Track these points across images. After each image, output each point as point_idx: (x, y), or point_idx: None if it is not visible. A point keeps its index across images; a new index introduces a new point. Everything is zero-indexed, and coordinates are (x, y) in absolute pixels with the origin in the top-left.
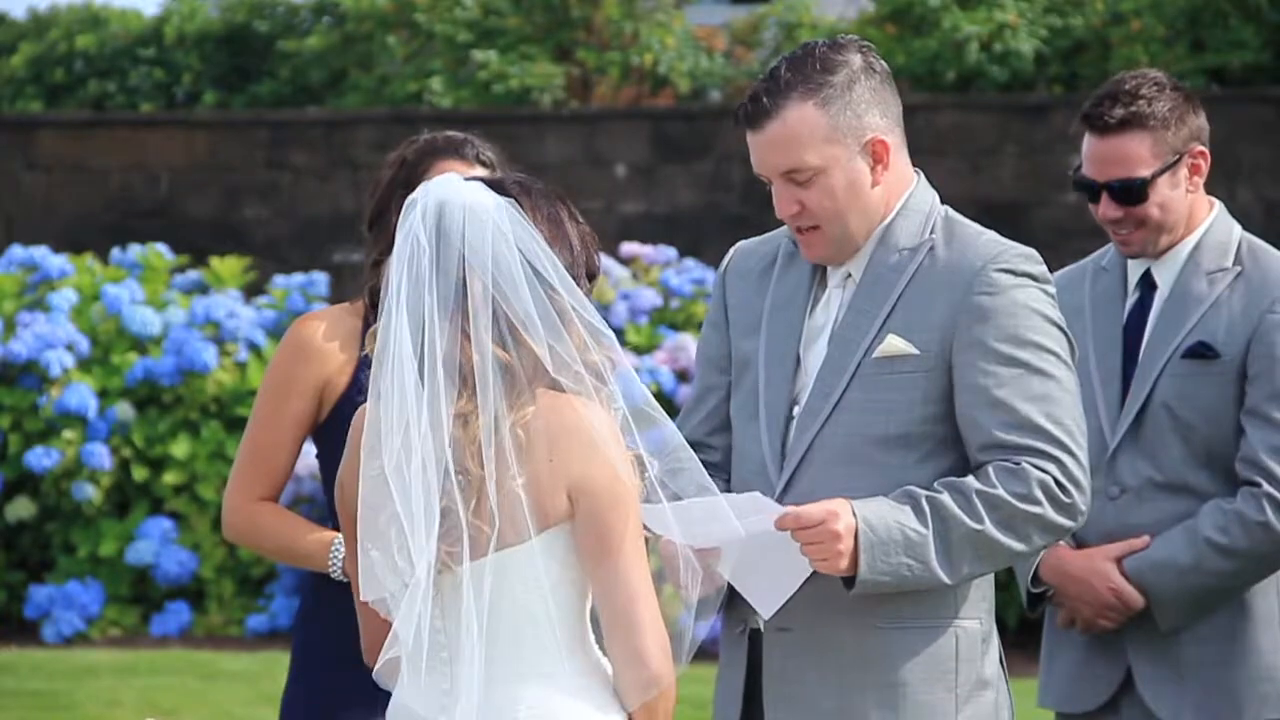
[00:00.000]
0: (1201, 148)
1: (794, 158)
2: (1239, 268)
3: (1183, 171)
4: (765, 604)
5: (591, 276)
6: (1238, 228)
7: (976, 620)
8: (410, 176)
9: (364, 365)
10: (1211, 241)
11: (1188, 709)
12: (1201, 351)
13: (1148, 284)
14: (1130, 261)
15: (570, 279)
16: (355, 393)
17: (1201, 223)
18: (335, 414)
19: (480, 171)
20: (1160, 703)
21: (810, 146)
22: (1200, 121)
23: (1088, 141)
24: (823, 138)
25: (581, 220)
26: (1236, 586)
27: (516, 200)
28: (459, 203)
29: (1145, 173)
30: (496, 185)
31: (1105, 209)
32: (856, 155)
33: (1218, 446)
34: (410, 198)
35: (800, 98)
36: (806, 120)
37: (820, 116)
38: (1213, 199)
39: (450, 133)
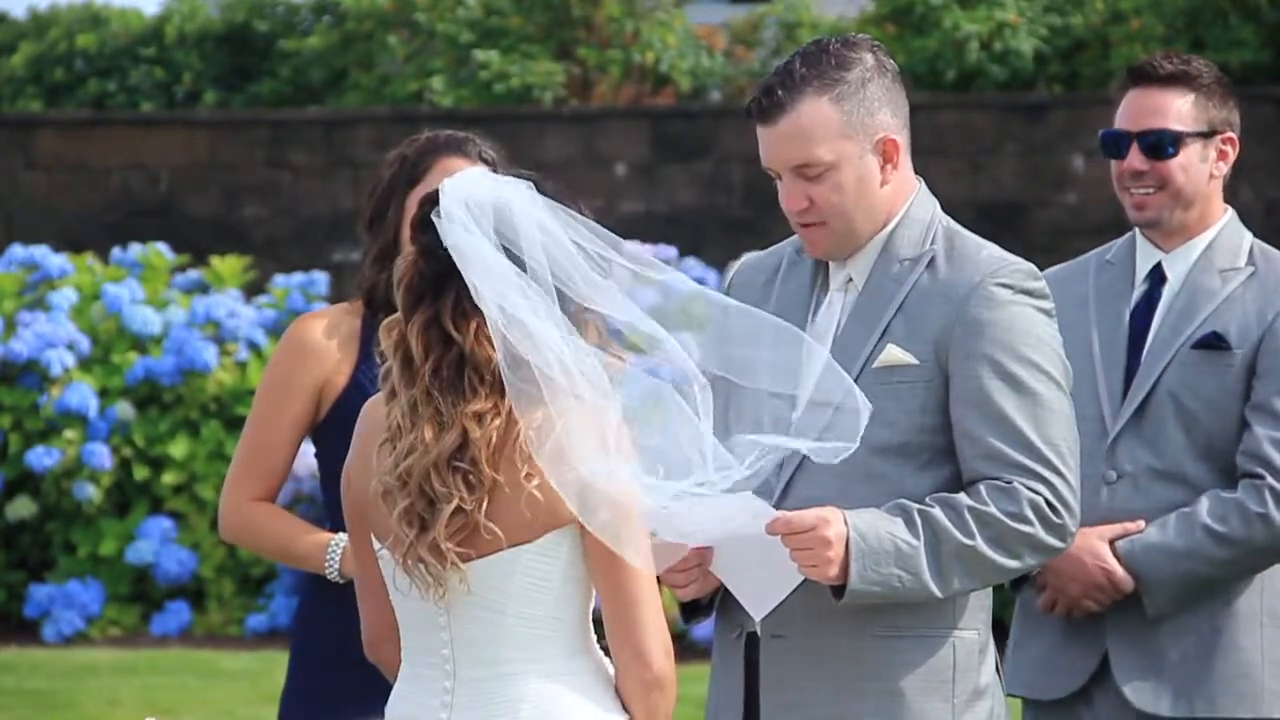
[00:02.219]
0: (1233, 135)
1: (806, 152)
2: (1252, 268)
3: (1212, 150)
4: (757, 606)
5: None
6: (1249, 234)
7: (974, 630)
8: (411, 175)
9: (363, 364)
10: (1224, 242)
11: (1165, 701)
12: (1213, 342)
13: (1157, 277)
14: (1139, 254)
15: (595, 278)
16: (354, 392)
17: (1217, 222)
18: (334, 413)
19: (483, 170)
20: (1138, 693)
21: (823, 141)
22: (1236, 116)
23: (1129, 96)
24: (836, 133)
25: (594, 221)
26: (1228, 577)
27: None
28: (478, 200)
29: (1180, 128)
30: None
31: (1131, 161)
32: (868, 152)
33: (1219, 441)
34: (445, 184)
35: (815, 92)
36: (821, 115)
37: (834, 112)
38: (1226, 205)
39: (451, 131)
